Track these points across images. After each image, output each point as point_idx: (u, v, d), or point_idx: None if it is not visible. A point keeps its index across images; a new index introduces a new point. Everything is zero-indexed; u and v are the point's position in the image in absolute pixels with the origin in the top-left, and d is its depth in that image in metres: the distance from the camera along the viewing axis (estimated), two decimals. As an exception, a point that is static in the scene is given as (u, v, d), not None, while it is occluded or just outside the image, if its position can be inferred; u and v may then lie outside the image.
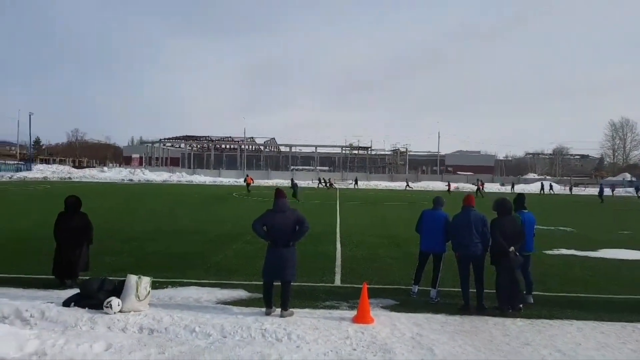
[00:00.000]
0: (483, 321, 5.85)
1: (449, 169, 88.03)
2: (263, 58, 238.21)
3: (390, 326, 5.45)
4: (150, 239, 11.87)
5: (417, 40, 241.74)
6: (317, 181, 57.07)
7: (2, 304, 5.32)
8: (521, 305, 6.33)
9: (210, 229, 14.18)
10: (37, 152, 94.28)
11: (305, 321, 5.52)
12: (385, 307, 6.39)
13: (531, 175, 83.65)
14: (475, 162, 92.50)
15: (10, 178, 54.07)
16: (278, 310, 5.82)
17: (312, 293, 7.00)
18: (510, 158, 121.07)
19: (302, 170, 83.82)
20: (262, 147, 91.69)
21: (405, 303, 6.64)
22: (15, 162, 70.73)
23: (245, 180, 42.91)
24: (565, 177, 79.54)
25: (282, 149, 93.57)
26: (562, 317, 6.08)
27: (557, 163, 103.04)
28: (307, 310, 6.12)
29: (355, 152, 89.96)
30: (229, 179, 68.18)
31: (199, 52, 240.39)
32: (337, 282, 7.93)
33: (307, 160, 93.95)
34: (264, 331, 5.08)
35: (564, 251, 11.62)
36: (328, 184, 53.24)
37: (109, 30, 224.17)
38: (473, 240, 6.47)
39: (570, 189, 57.96)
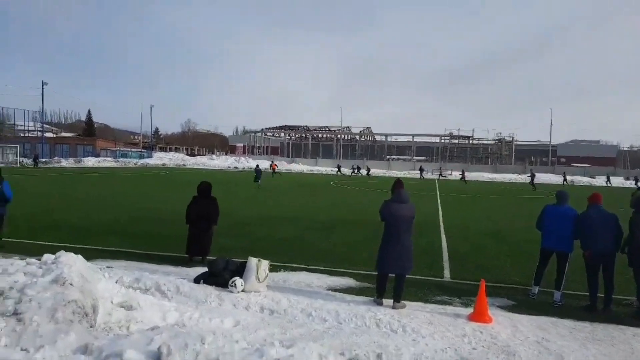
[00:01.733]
0: (620, 330, 5.28)
1: (562, 159, 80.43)
2: (361, 50, 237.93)
3: (510, 327, 5.16)
4: (259, 224, 12.56)
5: (525, 24, 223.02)
6: (352, 169, 56.70)
7: (144, 277, 6.00)
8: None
9: (313, 217, 14.60)
10: (157, 141, 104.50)
11: (418, 315, 5.44)
12: (502, 307, 6.06)
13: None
14: (593, 153, 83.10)
15: (135, 164, 60.83)
16: (389, 301, 5.81)
17: (422, 287, 6.87)
18: (636, 149, 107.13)
19: (398, 160, 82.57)
20: (357, 137, 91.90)
21: (525, 304, 6.24)
22: (139, 150, 79.16)
23: (270, 166, 47.93)
24: None
25: (378, 138, 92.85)
26: None
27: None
28: (418, 303, 6.03)
29: (455, 141, 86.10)
30: (325, 167, 69.57)
31: (299, 46, 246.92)
32: (447, 276, 7.69)
33: (403, 150, 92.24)
34: (378, 321, 5.11)
35: None
36: (366, 172, 53.36)
37: (218, 30, 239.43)
38: (605, 239, 5.91)
39: None
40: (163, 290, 5.70)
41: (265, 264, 6.11)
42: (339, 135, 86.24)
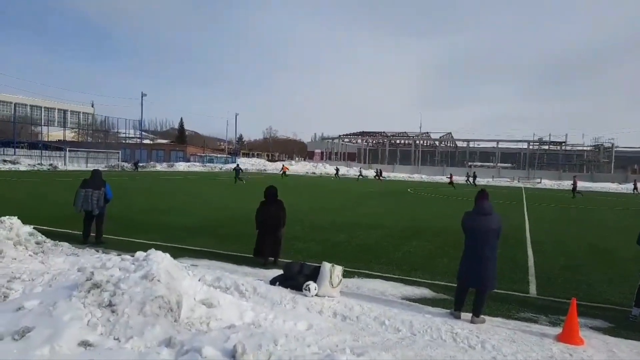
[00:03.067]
0: None
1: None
2: (443, 53, 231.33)
3: (606, 352, 4.67)
4: (336, 229, 12.63)
5: (629, 17, 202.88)
6: (358, 173, 55.85)
7: (224, 277, 6.29)
8: None
9: (389, 224, 14.40)
10: (240, 147, 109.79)
11: (499, 331, 5.13)
12: (596, 329, 5.51)
13: None
14: None
15: (220, 169, 64.30)
16: (467, 314, 5.54)
17: (505, 301, 6.47)
18: None
19: (480, 166, 78.84)
20: (437, 142, 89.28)
21: (623, 327, 5.62)
22: (224, 155, 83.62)
23: (281, 169, 53.20)
24: None
25: (459, 144, 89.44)
26: None
27: None
28: (499, 319, 5.68)
29: (546, 147, 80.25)
30: (403, 174, 68.44)
31: (378, 51, 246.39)
32: (533, 292, 7.16)
33: (486, 156, 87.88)
34: (455, 335, 4.88)
35: None
36: (378, 176, 52.63)
37: (296, 40, 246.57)
38: None
39: None
40: (241, 290, 5.93)
41: (338, 269, 6.13)
42: (417, 141, 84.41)
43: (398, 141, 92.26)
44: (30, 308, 3.69)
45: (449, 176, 48.65)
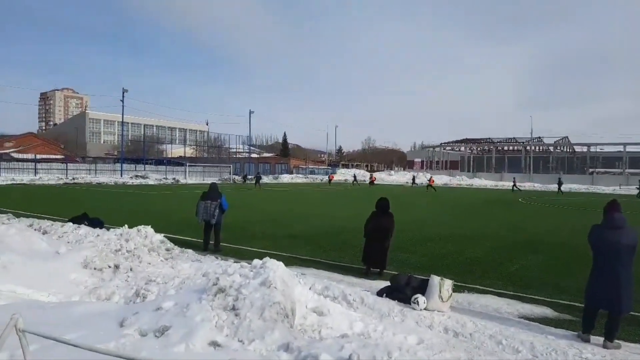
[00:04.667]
0: None
1: None
2: (554, 51, 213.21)
3: None
4: (443, 241, 12.23)
5: None
6: (353, 178, 55.69)
7: (332, 286, 6.44)
8: None
9: (499, 235, 13.55)
10: (340, 159, 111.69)
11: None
12: None
13: None
14: None
15: (321, 180, 65.99)
16: (597, 338, 4.99)
17: (642, 325, 5.71)
18: None
19: (604, 173, 70.61)
20: (551, 148, 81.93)
21: None
22: (324, 167, 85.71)
23: (370, 178, 55.61)
24: None
25: (577, 149, 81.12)
26: None
27: None
28: (638, 345, 5.03)
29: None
30: (512, 182, 63.87)
31: (478, 53, 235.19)
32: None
33: (611, 161, 78.46)
34: (585, 361, 4.43)
35: None
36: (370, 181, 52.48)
37: (398, 48, 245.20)
38: None
39: None
40: (349, 300, 6.02)
41: (448, 283, 5.93)
42: (528, 147, 78.31)
43: (506, 148, 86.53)
44: (167, 309, 4.15)
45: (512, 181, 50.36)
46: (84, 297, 5.77)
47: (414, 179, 58.64)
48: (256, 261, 4.97)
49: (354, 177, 57.83)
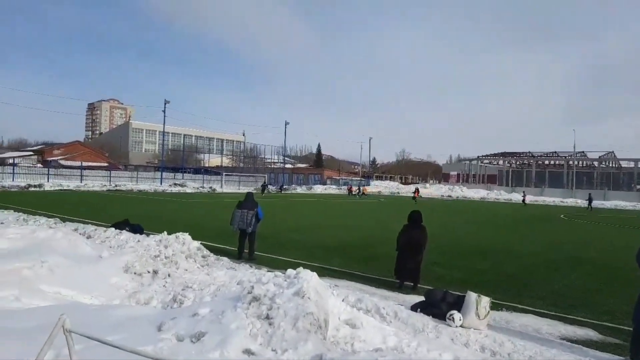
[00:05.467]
0: None
1: None
2: (595, 63, 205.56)
3: None
4: (480, 256, 11.91)
5: None
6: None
7: (365, 299, 6.38)
8: None
9: (540, 252, 13.07)
10: (373, 170, 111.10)
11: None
12: None
13: None
14: None
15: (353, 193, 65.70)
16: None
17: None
18: None
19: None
20: (595, 163, 78.54)
21: None
22: (359, 178, 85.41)
23: (414, 192, 49.38)
24: None
25: (624, 164, 77.42)
26: None
27: None
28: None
29: None
30: (553, 198, 61.63)
31: (515, 62, 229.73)
32: None
33: (662, 177, 74.30)
34: (633, 388, 4.19)
35: None
36: (359, 193, 51.46)
37: (432, 59, 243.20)
38: None
39: None
40: (382, 314, 5.94)
41: (485, 300, 5.76)
42: (570, 162, 75.42)
43: (547, 162, 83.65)
44: (203, 315, 4.23)
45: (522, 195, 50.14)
46: (123, 301, 5.97)
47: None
48: (290, 271, 5.00)
49: (416, 190, 49.17)
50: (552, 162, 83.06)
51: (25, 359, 2.96)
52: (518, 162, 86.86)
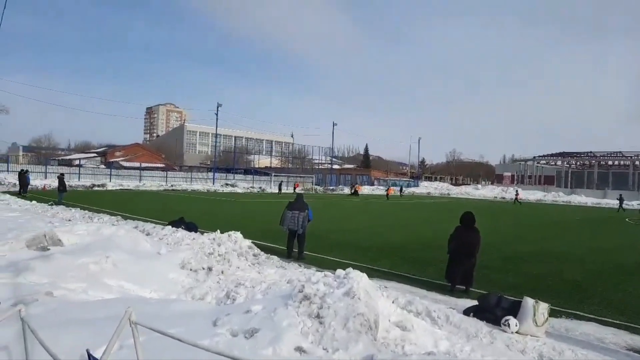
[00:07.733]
0: None
1: None
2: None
3: None
4: (536, 260, 11.41)
5: None
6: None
7: (416, 301, 6.30)
8: None
9: (604, 257, 12.34)
10: (422, 171, 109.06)
11: None
12: None
13: None
14: None
15: (400, 195, 64.81)
16: None
17: None
18: None
19: None
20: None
21: None
22: (407, 179, 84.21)
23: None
24: None
25: (700, 163, 71.28)
26: None
27: None
28: None
29: None
30: (617, 200, 57.74)
31: (573, 58, 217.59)
32: None
33: None
34: None
35: None
36: (352, 190, 51.07)
37: (485, 57, 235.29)
38: None
39: None
40: (433, 317, 5.84)
41: (543, 306, 5.52)
42: (637, 162, 70.45)
43: (610, 162, 78.59)
44: (256, 312, 4.34)
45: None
46: (180, 296, 6.24)
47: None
48: (339, 271, 5.02)
49: (517, 192, 48.04)
50: (616, 163, 77.96)
51: (96, 348, 3.17)
52: (578, 163, 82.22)
